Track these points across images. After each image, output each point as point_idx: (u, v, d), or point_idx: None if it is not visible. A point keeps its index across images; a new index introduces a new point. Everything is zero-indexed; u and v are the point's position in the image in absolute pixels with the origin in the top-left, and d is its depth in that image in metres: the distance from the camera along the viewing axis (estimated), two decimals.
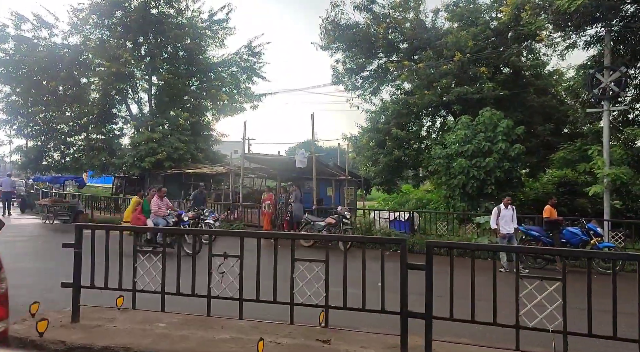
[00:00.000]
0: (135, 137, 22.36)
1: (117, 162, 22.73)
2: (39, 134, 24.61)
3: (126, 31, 23.31)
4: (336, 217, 12.94)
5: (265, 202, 16.16)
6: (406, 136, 18.82)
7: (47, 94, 23.98)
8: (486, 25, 18.87)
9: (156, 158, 22.05)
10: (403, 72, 18.71)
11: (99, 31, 25.04)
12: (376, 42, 20.99)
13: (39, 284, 8.20)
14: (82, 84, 24.93)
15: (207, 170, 23.08)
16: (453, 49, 18.26)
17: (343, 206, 14.96)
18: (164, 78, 23.90)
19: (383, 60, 21.70)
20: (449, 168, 15.84)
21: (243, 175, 17.01)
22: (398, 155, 18.55)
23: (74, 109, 24.29)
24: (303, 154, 15.39)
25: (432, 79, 18.24)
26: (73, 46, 24.77)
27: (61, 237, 15.50)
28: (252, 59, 27.02)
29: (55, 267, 9.79)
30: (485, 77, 17.80)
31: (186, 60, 25.60)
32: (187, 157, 23.86)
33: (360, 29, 21.12)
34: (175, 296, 5.29)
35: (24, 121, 24.71)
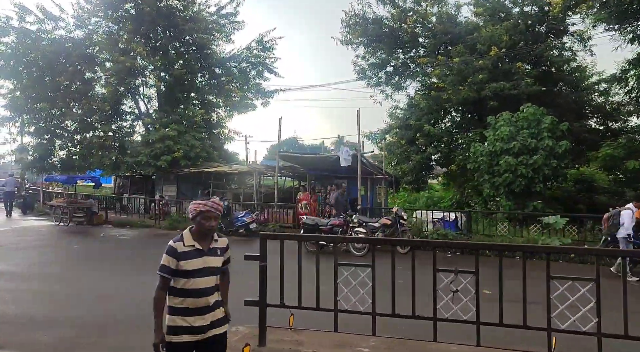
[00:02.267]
0: (149, 135, 21.40)
1: (130, 161, 21.75)
2: (45, 132, 23.48)
3: (138, 24, 22.28)
4: (392, 218, 12.33)
5: (302, 202, 15.50)
6: (439, 133, 18.31)
7: (52, 90, 22.85)
8: (518, 19, 18.43)
9: (172, 156, 21.17)
10: (436, 68, 18.18)
11: (107, 24, 23.98)
12: (401, 37, 20.45)
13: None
14: (89, 80, 23.85)
15: (227, 169, 22.27)
16: (487, 43, 17.80)
17: (382, 207, 14.51)
18: (175, 73, 22.95)
19: (407, 55, 21.18)
20: (491, 166, 15.36)
21: (277, 174, 16.25)
22: (431, 152, 18.03)
23: (82, 105, 23.20)
24: (348, 152, 14.75)
25: (466, 75, 17.74)
26: (79, 40, 23.68)
27: (104, 242, 14.62)
28: (263, 54, 26.23)
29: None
30: (521, 73, 17.37)
31: (197, 55, 24.69)
32: (204, 156, 23.02)
33: (385, 23, 20.56)
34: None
35: (28, 118, 23.58)
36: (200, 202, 3.17)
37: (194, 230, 3.18)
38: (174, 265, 3.04)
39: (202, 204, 3.14)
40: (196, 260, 3.08)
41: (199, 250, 3.11)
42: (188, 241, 3.11)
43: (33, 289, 8.41)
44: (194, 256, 3.08)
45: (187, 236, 3.15)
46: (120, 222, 19.76)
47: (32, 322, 6.42)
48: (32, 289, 8.41)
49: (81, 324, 6.30)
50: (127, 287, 8.38)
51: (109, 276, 9.47)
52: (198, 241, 3.13)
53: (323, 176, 17.63)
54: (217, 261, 3.20)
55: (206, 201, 3.16)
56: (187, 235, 3.15)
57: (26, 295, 7.97)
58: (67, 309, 7.04)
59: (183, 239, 3.13)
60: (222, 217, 13.50)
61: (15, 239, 14.78)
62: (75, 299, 7.68)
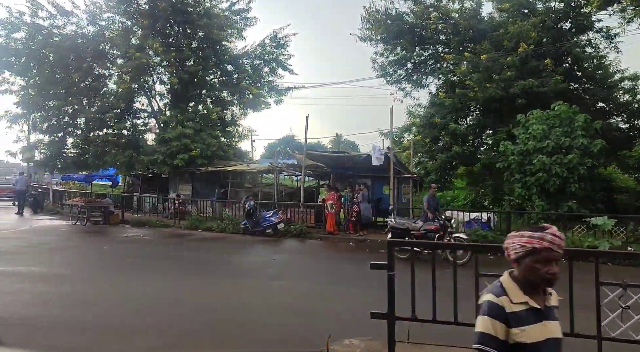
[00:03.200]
0: (166, 133, 20.96)
1: (145, 159, 21.32)
2: (57, 130, 23.05)
3: (153, 20, 21.84)
4: (438, 223, 11.93)
5: (328, 202, 15.14)
6: (464, 131, 17.98)
7: (64, 87, 22.40)
8: (545, 15, 18.09)
9: (189, 155, 20.79)
10: (462, 65, 17.84)
11: (120, 20, 23.56)
12: (422, 34, 20.10)
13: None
14: (101, 76, 23.43)
15: (245, 167, 21.94)
16: (514, 40, 17.47)
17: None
18: (190, 70, 22.53)
19: (428, 52, 20.83)
20: (523, 165, 15.04)
21: (304, 173, 15.89)
22: (457, 151, 17.69)
23: (95, 102, 22.80)
24: (380, 151, 14.40)
25: (493, 72, 17.42)
26: (92, 36, 23.24)
27: (132, 243, 14.21)
28: (277, 51, 25.83)
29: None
30: (550, 70, 17.04)
31: (211, 52, 24.27)
32: (220, 154, 22.66)
33: (406, 20, 20.20)
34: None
35: (39, 116, 23.14)
36: (531, 233, 2.06)
37: (520, 277, 2.11)
38: (503, 334, 2.00)
39: (538, 238, 2.03)
40: (535, 327, 2.03)
41: (535, 310, 2.06)
42: (516, 295, 2.07)
43: (100, 293, 7.99)
44: (530, 320, 2.03)
45: (512, 286, 2.10)
46: (137, 221, 19.38)
47: (122, 328, 6.12)
48: (100, 293, 7.98)
49: (165, 332, 5.96)
50: (189, 292, 8.04)
51: (162, 280, 9.04)
52: (529, 294, 2.08)
53: (346, 175, 17.27)
54: (558, 329, 2.12)
55: (542, 233, 2.04)
56: (511, 285, 2.10)
57: (99, 300, 7.53)
58: (147, 316, 6.67)
59: (507, 292, 2.08)
60: (247, 217, 13.32)
61: (42, 239, 14.38)
62: (147, 305, 7.31)
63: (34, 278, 8.96)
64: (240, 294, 7.96)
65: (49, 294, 7.78)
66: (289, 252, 13.18)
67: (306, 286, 8.51)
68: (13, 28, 22.58)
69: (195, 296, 7.71)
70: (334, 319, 6.21)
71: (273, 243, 14.19)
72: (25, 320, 6.24)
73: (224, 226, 16.58)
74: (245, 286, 8.56)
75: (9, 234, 15.81)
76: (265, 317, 6.45)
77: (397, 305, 4.37)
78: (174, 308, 7.02)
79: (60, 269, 10.03)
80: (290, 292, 8.12)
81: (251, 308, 6.95)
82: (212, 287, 8.40)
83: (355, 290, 7.99)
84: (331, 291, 8.08)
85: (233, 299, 7.60)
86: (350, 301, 7.31)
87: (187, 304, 7.22)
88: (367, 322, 4.62)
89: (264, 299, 7.52)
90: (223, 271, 10.25)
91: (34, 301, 7.28)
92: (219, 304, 7.26)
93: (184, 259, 11.55)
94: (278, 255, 12.37)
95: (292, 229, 15.20)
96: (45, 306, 7.06)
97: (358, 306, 6.44)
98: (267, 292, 8.09)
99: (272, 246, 13.95)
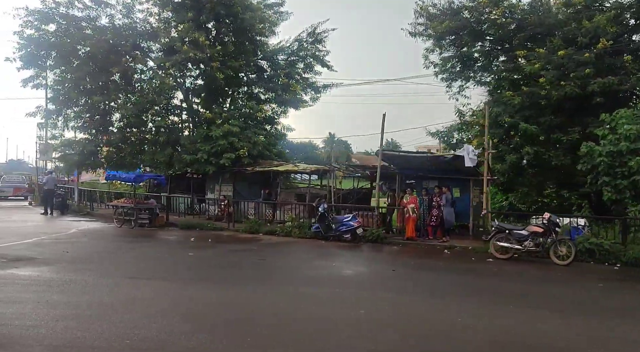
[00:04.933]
0: (211, 131, 19.89)
1: (188, 158, 20.23)
2: (92, 127, 21.89)
3: (196, 12, 20.75)
4: (544, 225, 11.10)
5: (410, 206, 14.22)
6: (536, 131, 17.12)
7: (100, 82, 21.25)
8: (618, 10, 17.29)
9: (236, 154, 19.77)
10: (535, 61, 16.99)
11: (158, 12, 22.44)
12: (483, 29, 19.25)
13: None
14: (140, 71, 22.34)
15: (293, 167, 20.97)
16: (589, 35, 16.65)
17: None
18: (232, 65, 21.49)
19: (489, 47, 19.98)
20: (612, 167, 14.20)
21: (380, 174, 14.93)
22: (528, 152, 16.82)
23: (132, 98, 21.68)
24: (473, 152, 13.52)
25: (568, 69, 16.59)
26: (127, 28, 22.11)
27: (211, 248, 13.09)
28: (315, 46, 24.86)
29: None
30: (629, 67, 16.25)
31: (252, 47, 23.27)
32: (267, 154, 21.67)
33: (464, 15, 19.33)
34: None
35: (75, 112, 21.96)
36: None
37: None
38: None
39: None
40: None
41: None
42: None
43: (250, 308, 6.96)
44: None
45: None
46: (185, 224, 18.30)
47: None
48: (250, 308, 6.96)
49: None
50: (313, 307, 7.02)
51: (275, 291, 8.06)
52: None
53: (416, 177, 16.35)
54: None
55: None
56: None
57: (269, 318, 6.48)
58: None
59: None
60: (320, 220, 12.35)
61: (107, 245, 13.47)
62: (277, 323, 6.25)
63: (157, 290, 7.96)
64: (396, 316, 6.92)
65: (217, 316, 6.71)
66: (391, 261, 11.93)
67: (469, 308, 7.32)
68: (45, 19, 21.45)
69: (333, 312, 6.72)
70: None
71: (358, 250, 13.25)
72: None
73: (289, 230, 15.61)
74: (390, 304, 7.54)
75: (63, 237, 14.72)
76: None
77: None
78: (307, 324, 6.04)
79: (174, 282, 8.87)
80: (458, 315, 6.78)
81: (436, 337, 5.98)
82: (338, 303, 7.39)
83: (524, 311, 7.03)
84: (504, 313, 7.05)
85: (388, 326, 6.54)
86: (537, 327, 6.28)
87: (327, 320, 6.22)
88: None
89: (426, 323, 6.52)
90: (337, 282, 9.19)
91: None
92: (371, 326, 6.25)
93: (283, 268, 10.53)
94: (379, 265, 11.32)
95: (367, 235, 14.25)
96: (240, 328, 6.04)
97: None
98: (421, 313, 7.03)
99: (360, 253, 13.01)
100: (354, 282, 9.33)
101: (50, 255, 11.08)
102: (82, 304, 6.86)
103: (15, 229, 16.20)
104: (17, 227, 16.99)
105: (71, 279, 8.50)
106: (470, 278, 9.83)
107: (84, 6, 21.86)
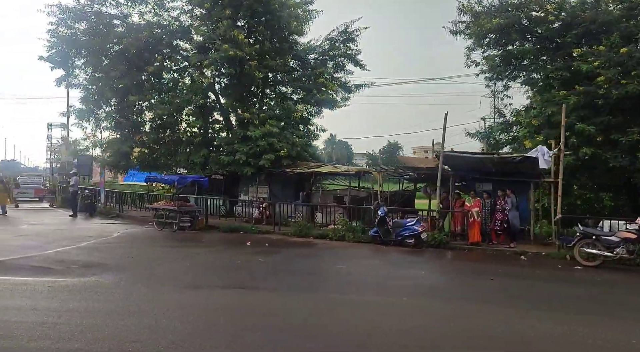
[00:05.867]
0: (251, 131, 19.31)
1: (226, 159, 19.67)
2: (125, 127, 21.35)
3: (234, 9, 20.20)
4: (637, 231, 10.54)
5: (474, 209, 13.66)
6: (594, 132, 16.55)
7: (133, 81, 20.69)
8: None
9: (276, 155, 19.22)
10: (593, 59, 16.42)
11: (191, 10, 21.88)
12: (530, 26, 18.69)
13: None
14: (175, 70, 21.81)
15: (332, 168, 20.43)
16: None
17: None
18: (270, 64, 20.93)
19: (537, 46, 19.41)
20: None
21: (440, 176, 14.36)
22: (587, 153, 16.24)
23: (166, 98, 21.13)
24: (549, 153, 12.97)
25: (628, 67, 16.02)
26: (162, 26, 21.58)
27: (283, 254, 12.44)
28: (346, 45, 24.31)
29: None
30: None
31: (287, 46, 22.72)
32: (304, 155, 21.13)
33: (512, 12, 18.76)
34: None
35: (108, 112, 21.43)
36: None
37: None
38: None
39: None
40: None
41: None
42: None
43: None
44: None
45: None
46: (228, 227, 17.75)
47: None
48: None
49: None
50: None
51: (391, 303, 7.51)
52: None
53: (468, 179, 15.81)
54: None
55: None
56: None
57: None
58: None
59: None
60: (379, 225, 11.77)
61: (168, 252, 12.73)
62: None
63: (272, 302, 7.41)
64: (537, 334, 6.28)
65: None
66: (476, 269, 11.13)
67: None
68: (77, 17, 20.91)
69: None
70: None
71: (428, 256, 12.67)
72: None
73: (342, 234, 15.04)
74: (516, 319, 6.83)
75: (112, 241, 14.18)
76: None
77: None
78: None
79: (274, 292, 8.31)
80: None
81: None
82: (462, 318, 6.84)
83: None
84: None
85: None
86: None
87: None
88: None
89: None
90: (441, 293, 8.53)
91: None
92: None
93: (369, 276, 9.87)
94: (469, 274, 10.59)
95: (429, 240, 13.69)
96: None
97: None
98: (576, 336, 6.07)
99: (434, 260, 12.42)
100: (460, 294, 8.63)
101: (116, 260, 10.57)
102: (217, 320, 6.38)
103: (60, 233, 15.67)
104: (58, 230, 16.49)
105: (163, 289, 8.05)
106: (573, 288, 9.23)
107: (116, 3, 21.34)
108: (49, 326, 5.68)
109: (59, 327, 5.62)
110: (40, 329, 5.56)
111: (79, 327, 5.65)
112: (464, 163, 14.67)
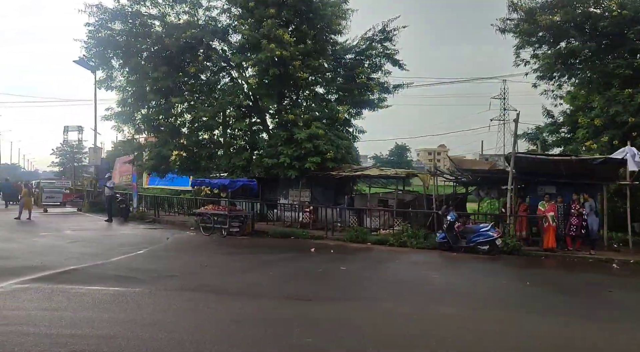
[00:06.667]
0: (296, 133, 18.71)
1: (270, 162, 19.08)
2: (164, 130, 20.84)
3: (278, 8, 19.63)
4: None
5: (549, 214, 12.96)
6: None
7: (174, 83, 20.19)
8: None
9: (323, 157, 18.62)
10: None
11: (232, 8, 21.31)
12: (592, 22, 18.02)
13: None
14: (220, 70, 21.30)
15: (380, 171, 19.80)
16: None
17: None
18: (312, 65, 20.35)
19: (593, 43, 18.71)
20: None
21: (513, 178, 13.66)
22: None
23: (208, 100, 20.62)
24: (638, 154, 12.26)
25: None
26: (197, 26, 21.04)
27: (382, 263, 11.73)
28: (384, 45, 23.63)
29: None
30: None
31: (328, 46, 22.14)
32: (348, 158, 20.51)
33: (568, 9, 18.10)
34: None
35: (140, 114, 20.93)
36: None
37: None
38: None
39: None
40: None
41: None
42: None
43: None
44: None
45: None
46: (278, 232, 17.19)
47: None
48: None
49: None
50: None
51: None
52: None
53: (532, 182, 15.09)
54: None
55: None
56: None
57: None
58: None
59: None
60: (448, 230, 11.13)
61: (236, 259, 12.15)
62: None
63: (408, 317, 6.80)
64: None
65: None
66: (571, 279, 10.50)
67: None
68: (114, 16, 20.47)
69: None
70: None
71: (507, 263, 11.99)
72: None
73: (403, 240, 14.41)
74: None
75: (171, 248, 13.65)
76: None
77: None
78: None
79: (385, 301, 7.77)
80: None
81: None
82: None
83: None
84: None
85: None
86: None
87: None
88: None
89: None
90: (549, 308, 7.81)
91: None
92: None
93: (467, 287, 9.28)
94: (576, 286, 9.81)
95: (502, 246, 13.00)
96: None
97: None
98: None
99: (518, 268, 11.73)
100: (576, 309, 7.87)
101: (189, 269, 10.01)
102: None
103: (109, 239, 15.25)
104: (105, 237, 16.11)
105: (269, 303, 7.48)
106: None
107: (155, 3, 20.87)
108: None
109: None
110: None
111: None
112: (532, 165, 13.99)
